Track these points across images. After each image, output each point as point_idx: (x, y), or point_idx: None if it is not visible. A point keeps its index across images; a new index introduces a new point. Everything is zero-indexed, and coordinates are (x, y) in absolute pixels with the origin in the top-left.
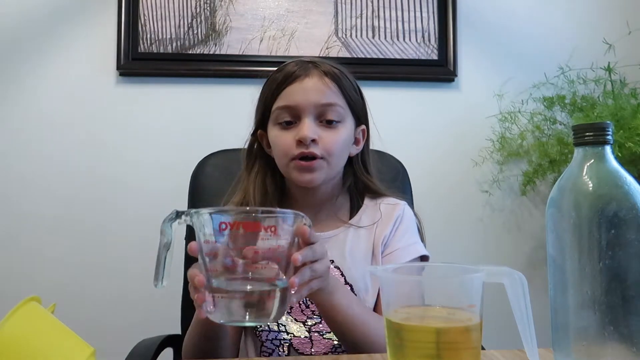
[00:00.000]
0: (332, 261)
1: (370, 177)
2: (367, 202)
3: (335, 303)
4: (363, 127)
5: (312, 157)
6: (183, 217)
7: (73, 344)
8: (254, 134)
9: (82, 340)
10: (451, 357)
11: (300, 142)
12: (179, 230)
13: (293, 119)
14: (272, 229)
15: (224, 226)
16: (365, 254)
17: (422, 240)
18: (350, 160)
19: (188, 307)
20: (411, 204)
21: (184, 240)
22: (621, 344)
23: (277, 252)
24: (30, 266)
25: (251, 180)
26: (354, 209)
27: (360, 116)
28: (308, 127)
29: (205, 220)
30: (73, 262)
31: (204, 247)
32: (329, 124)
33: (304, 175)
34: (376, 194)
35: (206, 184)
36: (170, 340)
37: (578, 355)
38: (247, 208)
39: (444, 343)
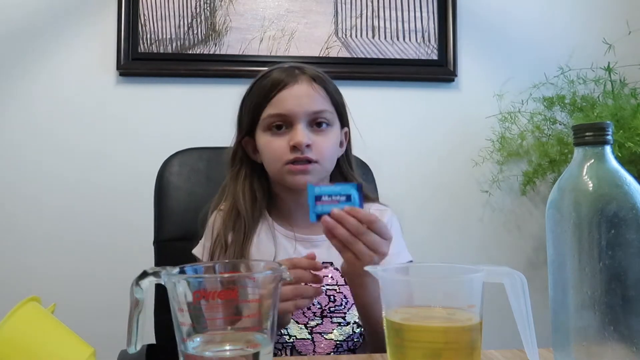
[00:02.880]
0: (331, 263)
1: (356, 176)
2: None
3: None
4: (346, 129)
5: (307, 161)
6: (154, 278)
7: (73, 344)
8: (239, 142)
9: (82, 340)
10: (451, 357)
11: (294, 148)
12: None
13: (284, 124)
14: (251, 290)
15: (198, 295)
16: None
17: None
18: (337, 162)
19: (161, 314)
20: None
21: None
22: (621, 344)
23: (256, 306)
24: (31, 266)
25: (239, 186)
26: None
27: (343, 119)
28: (302, 133)
29: (177, 287)
30: (73, 263)
31: (178, 316)
32: (320, 129)
33: (297, 178)
34: (365, 198)
35: (173, 182)
36: (148, 351)
37: (578, 355)
38: (226, 275)
39: (444, 343)
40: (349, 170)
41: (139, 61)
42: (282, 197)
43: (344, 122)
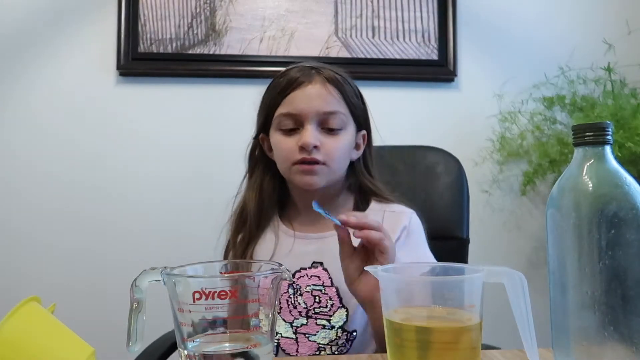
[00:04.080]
0: (322, 263)
1: (373, 180)
2: (373, 206)
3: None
4: (363, 132)
5: (314, 162)
6: (153, 278)
7: (73, 344)
8: (255, 138)
9: (82, 340)
10: (451, 357)
11: (302, 148)
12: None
13: (295, 125)
14: (250, 290)
15: (198, 295)
16: None
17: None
18: (352, 163)
19: None
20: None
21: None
22: (621, 344)
23: (256, 306)
24: (31, 266)
25: (250, 186)
26: (358, 211)
27: (361, 121)
28: (310, 134)
29: (177, 287)
30: (73, 263)
31: (178, 316)
32: (331, 131)
33: (305, 177)
34: (383, 199)
35: None
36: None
37: (578, 355)
38: (226, 275)
39: (444, 343)
40: (365, 176)
41: (139, 61)
42: (294, 196)
43: (361, 125)
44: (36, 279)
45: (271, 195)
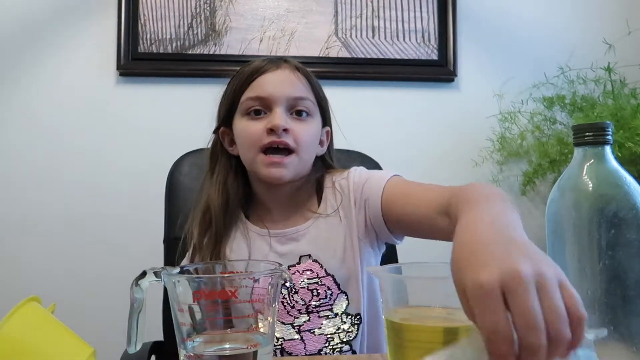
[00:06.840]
0: (310, 255)
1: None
2: (326, 184)
3: None
4: (327, 128)
5: (284, 149)
6: (154, 278)
7: (73, 344)
8: (216, 131)
9: (82, 340)
10: None
11: (271, 131)
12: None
13: (263, 109)
14: (250, 290)
15: (198, 295)
16: (344, 243)
17: None
18: (316, 162)
19: (169, 311)
20: None
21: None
22: (621, 344)
23: (256, 306)
24: (30, 266)
25: (213, 184)
26: (321, 198)
27: (326, 116)
28: (280, 116)
29: (177, 287)
30: (73, 263)
31: (178, 316)
32: (299, 115)
33: (271, 170)
34: (328, 173)
35: (183, 182)
36: (155, 348)
37: None
38: (226, 275)
39: (445, 343)
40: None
41: (139, 61)
42: (258, 193)
43: (326, 120)
44: (36, 279)
45: (236, 192)
